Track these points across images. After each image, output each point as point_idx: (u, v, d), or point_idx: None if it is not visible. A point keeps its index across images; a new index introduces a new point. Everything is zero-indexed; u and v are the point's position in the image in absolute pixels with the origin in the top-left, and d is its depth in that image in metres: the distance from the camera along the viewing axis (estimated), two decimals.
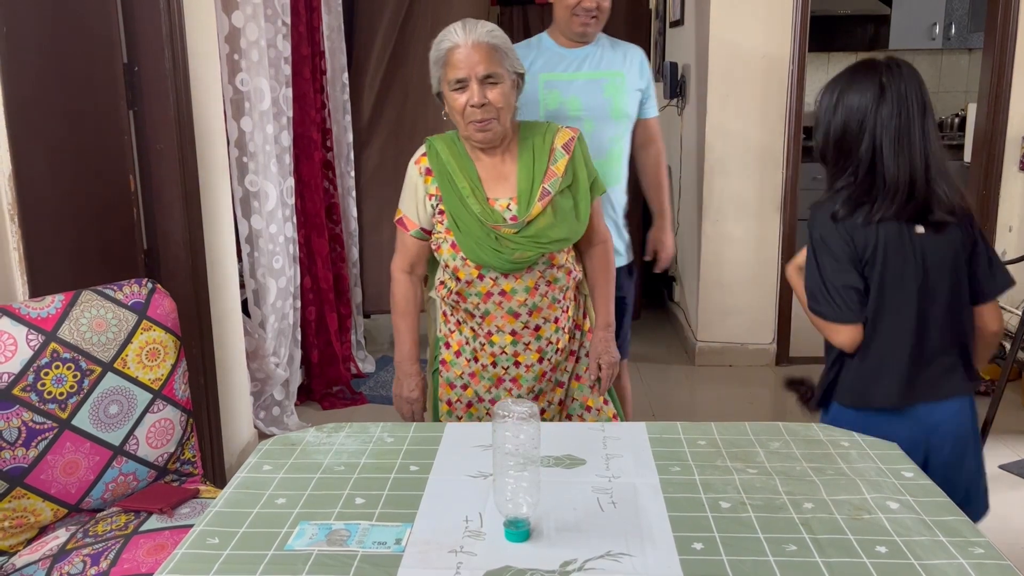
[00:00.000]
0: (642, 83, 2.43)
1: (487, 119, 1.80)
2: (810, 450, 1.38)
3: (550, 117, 2.29)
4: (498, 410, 1.12)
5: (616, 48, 2.44)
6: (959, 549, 1.08)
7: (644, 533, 1.14)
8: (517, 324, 1.89)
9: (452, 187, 1.87)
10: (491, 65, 1.79)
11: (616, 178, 2.45)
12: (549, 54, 2.41)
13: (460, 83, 1.79)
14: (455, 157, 1.90)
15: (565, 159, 1.91)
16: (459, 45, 1.79)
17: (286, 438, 1.45)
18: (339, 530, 1.15)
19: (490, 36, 1.81)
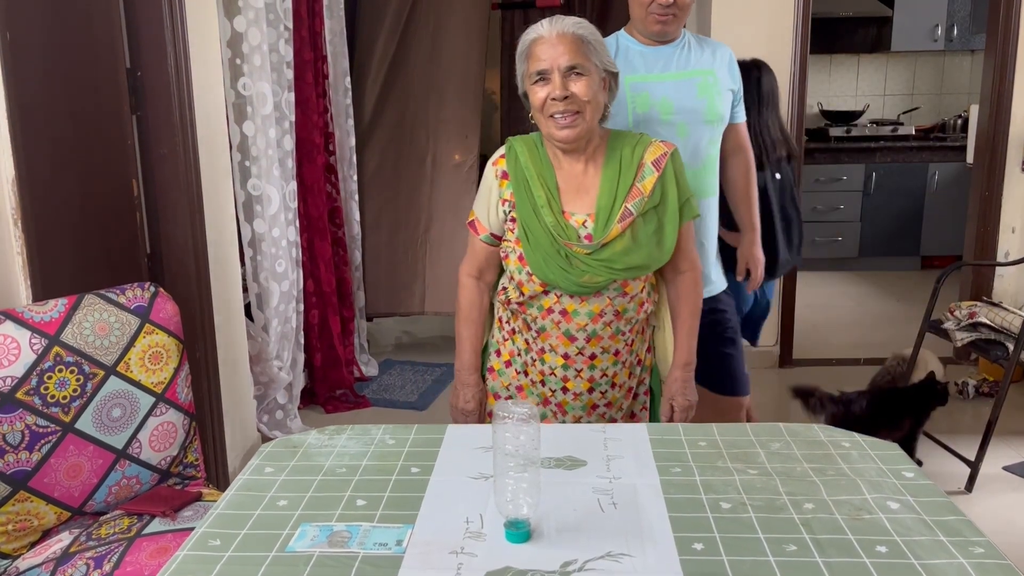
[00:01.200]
0: (733, 83, 2.21)
1: (570, 112, 1.67)
2: (811, 451, 1.38)
3: (639, 122, 2.14)
4: (498, 411, 1.13)
5: (703, 46, 2.22)
6: (959, 549, 1.08)
7: (644, 534, 1.14)
8: (571, 348, 1.76)
9: (527, 194, 1.75)
10: (576, 56, 1.66)
11: (712, 188, 2.21)
12: (629, 54, 2.20)
13: (541, 75, 1.68)
14: (534, 162, 1.78)
15: (654, 176, 1.75)
16: (543, 36, 1.68)
17: (288, 440, 1.45)
18: (340, 531, 1.15)
19: (576, 27, 1.69)
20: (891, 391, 3.05)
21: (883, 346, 3.94)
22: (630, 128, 2.12)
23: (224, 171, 2.74)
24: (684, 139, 2.09)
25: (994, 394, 3.42)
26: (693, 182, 2.07)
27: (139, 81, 2.35)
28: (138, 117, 2.36)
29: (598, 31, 1.74)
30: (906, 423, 2.92)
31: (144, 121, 2.37)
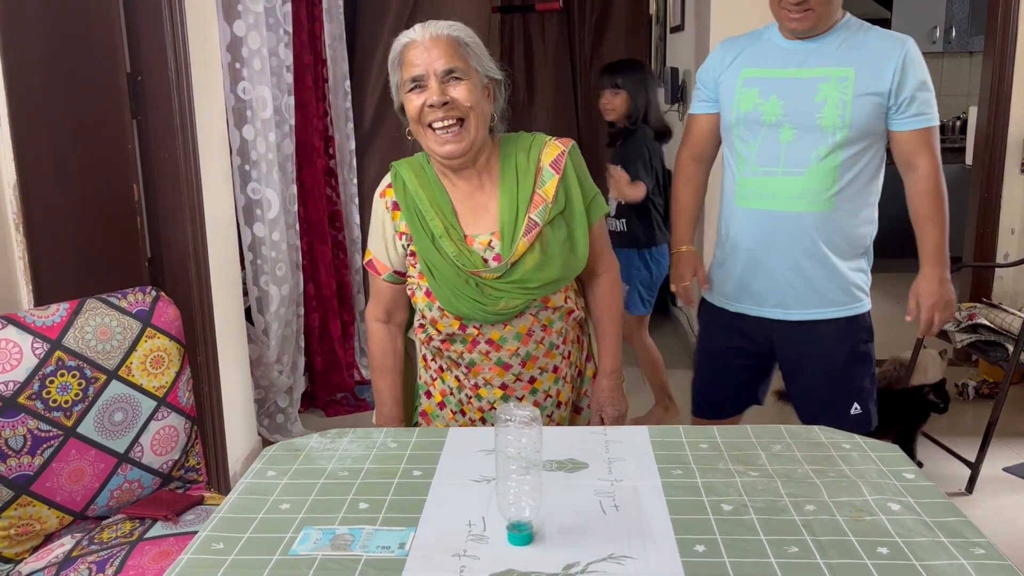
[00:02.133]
0: (889, 83, 1.88)
1: (451, 122, 1.53)
2: (812, 452, 1.38)
3: (740, 121, 1.99)
4: (500, 414, 1.13)
5: (861, 40, 1.93)
6: (960, 550, 1.08)
7: (646, 536, 1.14)
8: (508, 377, 1.64)
9: (423, 226, 1.61)
10: (453, 59, 1.53)
11: (815, 202, 1.95)
12: (764, 46, 2.01)
13: (416, 82, 1.54)
14: (424, 187, 1.63)
15: (555, 180, 1.61)
16: (415, 40, 1.55)
17: (290, 444, 1.45)
18: (343, 535, 1.16)
19: (452, 29, 1.57)
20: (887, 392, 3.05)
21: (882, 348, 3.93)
22: (731, 126, 2.03)
23: (224, 175, 2.74)
24: (787, 144, 1.94)
25: (994, 395, 3.42)
26: (787, 188, 1.94)
27: (140, 85, 2.35)
28: (139, 121, 2.37)
29: (476, 35, 1.62)
30: (902, 426, 2.92)
31: (144, 125, 2.38)
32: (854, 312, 2.02)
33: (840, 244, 1.98)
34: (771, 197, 1.98)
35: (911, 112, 1.91)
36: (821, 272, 1.98)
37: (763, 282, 2.04)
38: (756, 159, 1.99)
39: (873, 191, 2.01)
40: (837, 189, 1.94)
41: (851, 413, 2.03)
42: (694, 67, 4.18)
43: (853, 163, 1.94)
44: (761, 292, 2.05)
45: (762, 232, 2.01)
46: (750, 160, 2.00)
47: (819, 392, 2.08)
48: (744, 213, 2.04)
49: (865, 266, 2.05)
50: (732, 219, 2.07)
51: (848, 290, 2.01)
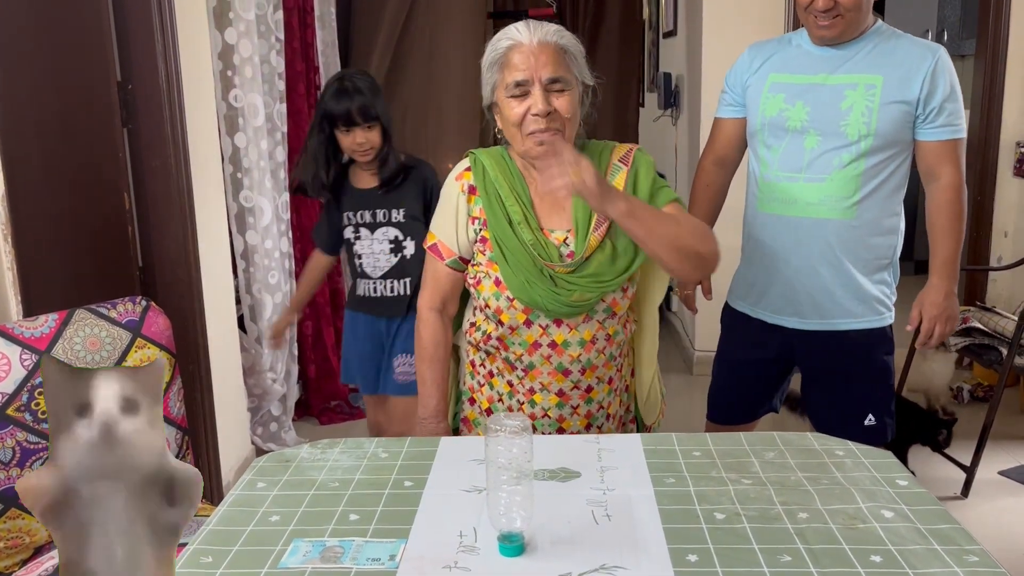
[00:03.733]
0: (918, 92, 1.87)
1: (552, 131, 1.53)
2: (805, 459, 1.38)
3: (765, 126, 1.98)
4: (490, 424, 1.12)
5: (892, 46, 1.91)
6: (954, 558, 1.08)
7: (639, 545, 1.13)
8: (566, 383, 1.62)
9: (501, 210, 1.61)
10: (558, 68, 1.53)
11: (836, 209, 1.93)
12: (793, 52, 1.99)
13: (520, 87, 1.53)
14: (504, 175, 1.63)
15: (623, 173, 1.64)
16: (521, 43, 1.53)
17: (280, 455, 1.44)
18: (333, 547, 1.15)
19: (559, 36, 1.56)
20: None
21: None
22: (756, 131, 2.02)
23: (216, 183, 2.73)
24: (810, 150, 1.93)
25: (988, 398, 3.42)
26: (808, 194, 1.93)
27: (130, 94, 2.35)
28: (129, 130, 2.36)
29: (578, 40, 1.62)
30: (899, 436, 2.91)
31: (135, 134, 2.37)
32: (874, 325, 2.01)
33: (860, 255, 1.97)
34: (792, 203, 1.97)
35: (939, 122, 1.89)
36: (839, 282, 1.97)
37: (782, 289, 2.03)
38: (779, 164, 1.98)
39: (897, 201, 1.99)
40: (859, 197, 1.92)
41: (865, 424, 2.02)
42: (687, 72, 4.18)
43: (877, 172, 1.92)
44: (780, 299, 2.04)
45: (782, 237, 2.00)
46: (773, 165, 1.99)
47: (834, 402, 2.07)
48: (765, 218, 2.03)
49: (888, 279, 2.02)
50: (754, 224, 2.07)
51: (868, 302, 1.99)
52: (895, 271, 2.04)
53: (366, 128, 2.28)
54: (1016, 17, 3.74)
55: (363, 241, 2.39)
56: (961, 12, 5.68)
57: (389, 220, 2.37)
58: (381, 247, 2.38)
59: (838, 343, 2.01)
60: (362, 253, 2.40)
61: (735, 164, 2.20)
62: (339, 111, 2.26)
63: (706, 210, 2.20)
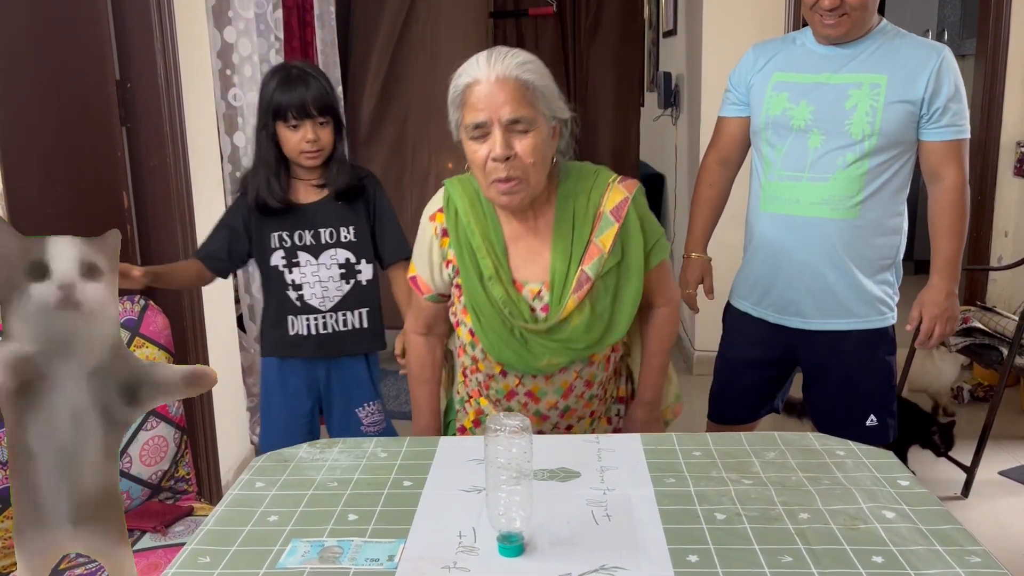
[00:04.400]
0: (922, 92, 1.86)
1: (513, 179, 1.44)
2: (805, 460, 1.37)
3: (769, 125, 1.97)
4: (490, 424, 1.12)
5: (897, 46, 1.90)
6: (955, 558, 1.07)
7: (639, 546, 1.13)
8: (546, 425, 1.62)
9: (472, 263, 1.53)
10: (520, 106, 1.41)
11: (839, 209, 1.92)
12: (797, 51, 1.98)
13: (479, 129, 1.43)
14: (477, 219, 1.54)
15: (614, 229, 1.52)
16: (479, 81, 1.42)
17: (279, 454, 1.44)
18: (331, 547, 1.14)
19: (521, 69, 1.43)
20: None
21: None
22: (760, 130, 2.01)
23: (215, 182, 2.73)
24: (814, 149, 1.92)
25: (989, 399, 3.42)
26: (811, 194, 1.92)
27: (129, 93, 2.34)
28: (128, 129, 2.35)
29: (546, 69, 1.49)
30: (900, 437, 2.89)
31: (134, 133, 2.36)
32: (876, 325, 2.00)
33: (863, 255, 1.96)
34: (795, 202, 1.96)
35: (943, 122, 1.88)
36: (842, 282, 1.97)
37: (784, 289, 2.03)
38: (783, 163, 1.97)
39: (900, 201, 1.98)
40: (863, 197, 1.91)
41: (867, 424, 2.02)
42: (687, 71, 4.18)
43: (881, 172, 1.91)
44: (782, 299, 2.03)
45: (784, 237, 2.00)
46: (776, 164, 1.99)
47: (835, 402, 2.07)
48: (768, 217, 2.03)
49: (891, 279, 2.02)
50: (756, 223, 2.07)
51: (870, 303, 1.99)
52: (898, 271, 2.03)
53: (319, 123, 1.94)
54: (1016, 17, 3.73)
55: (303, 269, 2.00)
56: (961, 12, 5.67)
57: (338, 240, 2.02)
58: (330, 273, 2.02)
59: (840, 343, 2.00)
60: (303, 283, 2.01)
61: (739, 163, 2.19)
62: (290, 101, 1.92)
63: (709, 210, 2.20)
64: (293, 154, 1.96)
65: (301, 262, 2.00)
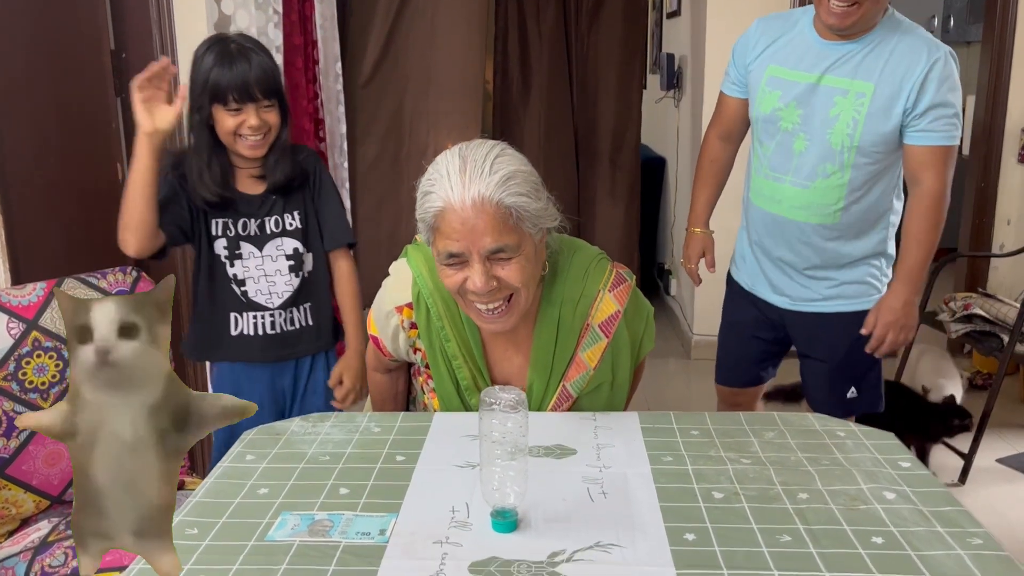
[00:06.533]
0: (904, 103, 1.79)
1: (496, 304, 1.30)
2: (805, 440, 1.35)
3: (760, 121, 1.96)
4: (485, 397, 1.09)
5: (889, 50, 1.82)
6: (957, 540, 1.05)
7: (635, 524, 1.11)
8: None
9: (447, 370, 1.42)
10: (502, 235, 1.24)
11: (820, 215, 1.92)
12: (795, 40, 1.91)
13: (455, 258, 1.26)
14: (453, 322, 1.39)
15: (602, 345, 1.39)
16: (452, 208, 1.23)
17: (271, 427, 1.42)
18: (322, 520, 1.12)
19: (503, 191, 1.23)
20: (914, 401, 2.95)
21: None
22: (754, 122, 2.00)
23: None
24: (799, 154, 1.90)
25: (987, 387, 3.40)
26: (793, 197, 1.93)
27: (124, 63, 2.30)
28: (123, 99, 2.32)
29: (532, 176, 1.29)
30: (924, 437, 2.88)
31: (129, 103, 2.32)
32: (863, 307, 2.00)
33: (847, 252, 1.97)
34: (779, 202, 1.98)
35: (921, 126, 1.82)
36: (829, 272, 2.00)
37: (773, 274, 2.08)
38: (770, 162, 1.98)
39: (887, 200, 1.95)
40: (843, 205, 1.91)
41: (847, 396, 2.07)
42: (690, 53, 4.13)
43: (862, 181, 1.89)
44: (771, 282, 2.09)
45: (769, 231, 2.03)
46: (764, 161, 2.00)
47: (822, 375, 2.12)
48: (756, 209, 2.06)
49: (879, 263, 2.01)
50: (748, 210, 2.11)
51: (857, 286, 2.01)
52: (888, 255, 2.03)
53: (263, 107, 1.69)
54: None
55: (246, 262, 1.79)
56: None
57: (283, 229, 1.80)
58: (277, 266, 1.80)
59: (828, 322, 2.04)
60: (246, 278, 1.79)
61: (740, 137, 2.19)
62: (231, 81, 1.66)
63: (711, 185, 2.20)
64: (229, 140, 1.72)
65: (244, 254, 1.78)
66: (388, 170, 4.09)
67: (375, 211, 4.08)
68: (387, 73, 4.02)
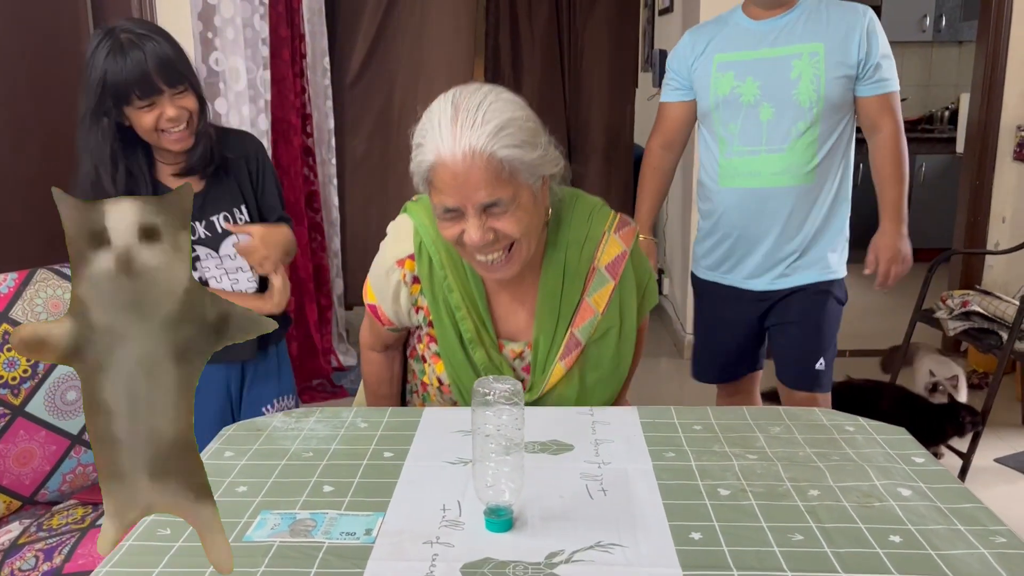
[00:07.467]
0: (856, 55, 1.94)
1: (496, 254, 1.27)
2: (813, 435, 1.29)
3: (719, 104, 2.02)
4: (478, 387, 1.03)
5: (824, 14, 1.97)
6: (979, 538, 0.99)
7: (637, 522, 1.04)
8: None
9: (450, 323, 1.37)
10: (496, 189, 1.21)
11: (799, 174, 2.00)
12: (733, 30, 2.03)
13: (451, 212, 1.25)
14: (457, 274, 1.36)
15: (609, 287, 1.37)
16: (443, 162, 1.21)
17: (251, 423, 1.34)
18: (304, 520, 1.05)
19: (496, 142, 1.19)
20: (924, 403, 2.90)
21: (871, 337, 3.88)
22: (710, 111, 2.03)
23: None
24: (767, 122, 1.98)
25: (984, 386, 3.36)
26: (771, 165, 1.99)
27: None
28: None
29: (528, 122, 1.25)
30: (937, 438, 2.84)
31: None
32: (831, 277, 2.11)
33: (820, 216, 2.05)
34: (756, 175, 2.03)
35: (876, 78, 1.98)
36: (802, 244, 2.06)
37: (749, 256, 2.11)
38: (739, 140, 2.03)
39: (848, 162, 2.08)
40: (818, 162, 2.00)
41: (815, 367, 2.13)
42: None
43: (829, 135, 2.00)
44: (746, 265, 2.13)
45: (748, 209, 2.06)
46: (732, 141, 2.04)
47: (794, 348, 2.16)
48: (729, 193, 2.08)
49: (841, 241, 2.12)
50: (716, 198, 2.12)
51: (825, 259, 2.09)
52: (846, 232, 2.13)
53: (177, 94, 1.56)
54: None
55: (206, 262, 1.72)
56: None
57: (235, 224, 1.74)
58: (237, 263, 1.73)
59: (801, 296, 2.10)
60: (209, 279, 1.73)
61: (682, 146, 2.24)
62: (129, 76, 1.50)
63: (654, 190, 2.26)
64: (153, 139, 1.59)
65: (201, 256, 1.71)
66: (376, 166, 4.02)
67: (363, 207, 4.01)
68: (376, 68, 3.95)
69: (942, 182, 5.35)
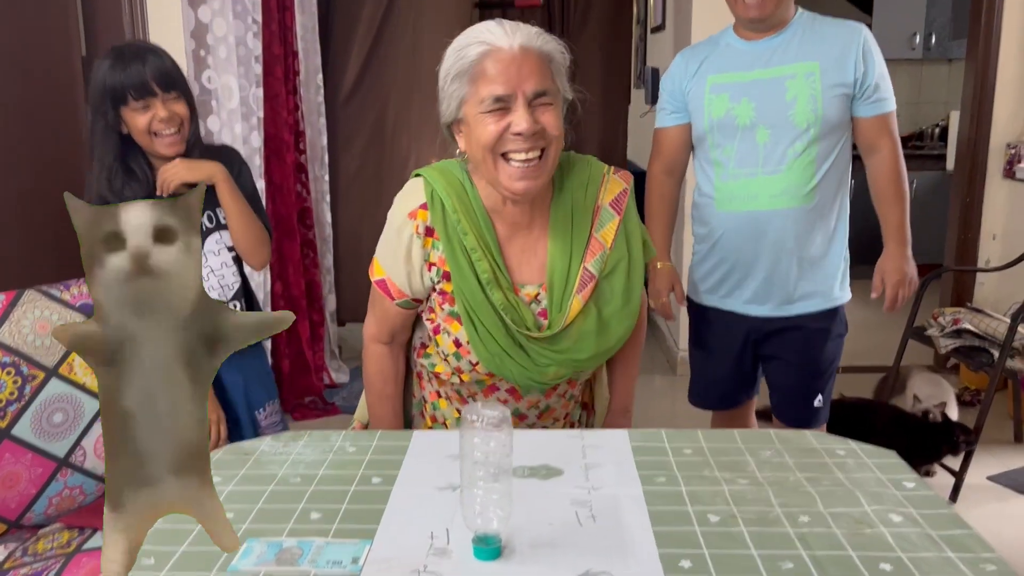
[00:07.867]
0: (853, 74, 1.90)
1: (535, 155, 1.31)
2: (804, 459, 1.29)
3: (715, 127, 1.98)
4: (466, 414, 1.02)
5: (818, 33, 1.93)
6: (970, 566, 0.99)
7: (627, 549, 1.04)
8: (522, 425, 1.49)
9: (468, 266, 1.37)
10: (544, 79, 1.29)
11: (796, 197, 1.96)
12: (725, 51, 2.00)
13: (500, 102, 1.28)
14: (469, 216, 1.38)
15: (615, 222, 1.42)
16: (499, 49, 1.28)
17: (238, 447, 1.33)
18: (290, 548, 1.04)
19: (542, 41, 1.31)
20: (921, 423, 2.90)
21: (864, 354, 3.88)
22: (705, 134, 2.01)
23: None
24: (763, 144, 1.94)
25: (976, 403, 3.36)
26: (769, 187, 1.96)
27: None
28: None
29: (560, 45, 1.37)
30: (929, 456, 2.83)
31: None
32: (832, 305, 2.06)
33: (820, 239, 2.02)
34: (753, 198, 1.99)
35: (875, 98, 1.95)
36: (803, 269, 2.02)
37: (747, 281, 2.07)
38: (735, 162, 1.99)
39: (846, 181, 2.04)
40: (816, 182, 1.97)
41: (814, 405, 2.11)
42: None
43: (827, 155, 1.96)
44: (744, 290, 2.07)
45: (746, 233, 2.03)
46: (728, 164, 2.01)
47: (792, 387, 2.13)
48: (726, 216, 2.04)
49: (842, 264, 2.08)
50: (713, 222, 2.08)
51: (827, 284, 2.05)
52: (846, 253, 2.09)
53: (170, 99, 1.68)
54: (1008, 17, 3.69)
55: None
56: (951, 12, 5.64)
57: (217, 223, 1.81)
58: (221, 259, 1.80)
59: (800, 324, 2.05)
60: None
61: (683, 170, 2.21)
62: (127, 79, 1.64)
63: (664, 216, 2.21)
64: (146, 140, 1.70)
65: None
66: (370, 182, 4.02)
67: (357, 222, 4.01)
68: (369, 85, 3.96)
69: (933, 199, 5.37)
